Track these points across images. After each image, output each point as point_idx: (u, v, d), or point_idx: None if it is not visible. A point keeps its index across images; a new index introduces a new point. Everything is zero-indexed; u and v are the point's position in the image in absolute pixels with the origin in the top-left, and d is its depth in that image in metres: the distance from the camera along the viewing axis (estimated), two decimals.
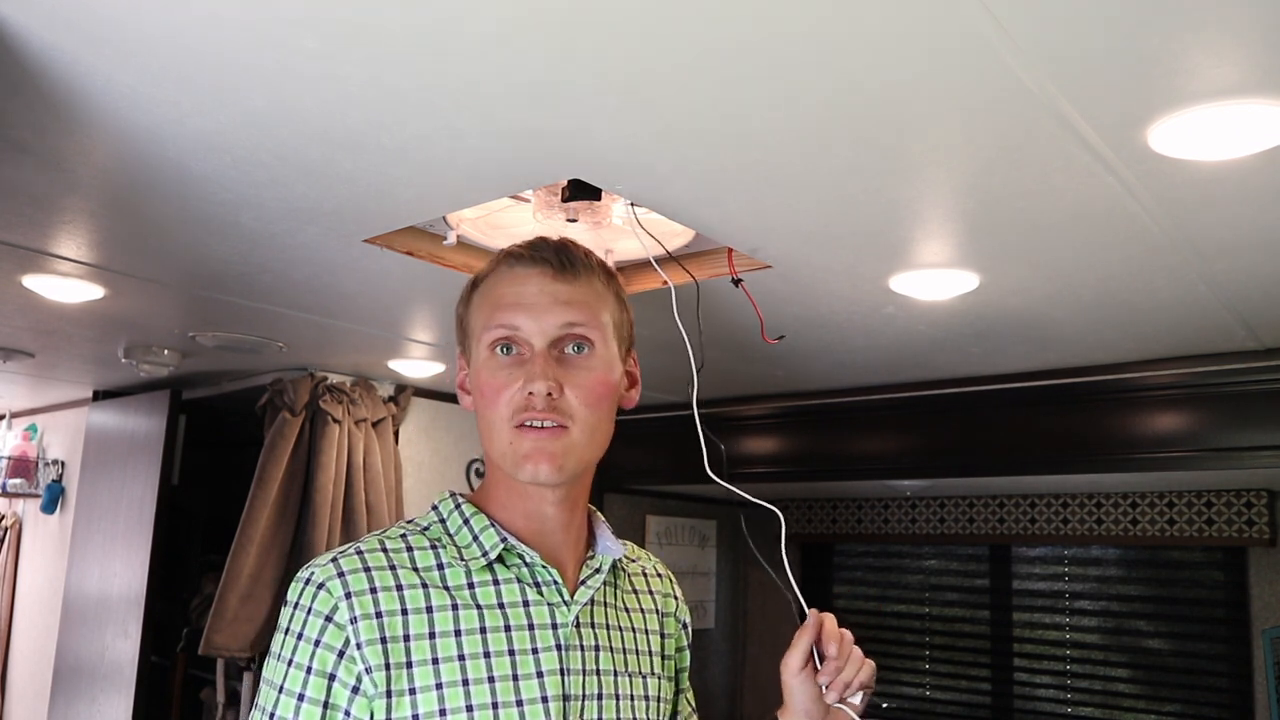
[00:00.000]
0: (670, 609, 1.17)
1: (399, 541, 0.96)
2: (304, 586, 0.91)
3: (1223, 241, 1.38)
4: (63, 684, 3.11)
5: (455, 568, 0.96)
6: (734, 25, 0.86)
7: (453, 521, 1.00)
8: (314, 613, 0.89)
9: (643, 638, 1.10)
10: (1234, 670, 3.07)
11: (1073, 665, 3.40)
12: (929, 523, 3.68)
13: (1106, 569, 3.37)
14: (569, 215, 1.40)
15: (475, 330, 1.02)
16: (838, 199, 1.27)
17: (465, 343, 1.05)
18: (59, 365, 2.86)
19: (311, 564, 0.94)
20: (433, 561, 0.95)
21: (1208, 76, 0.93)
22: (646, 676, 1.07)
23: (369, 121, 1.09)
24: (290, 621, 0.91)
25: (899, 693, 3.78)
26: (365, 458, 2.71)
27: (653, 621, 1.13)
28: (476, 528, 0.99)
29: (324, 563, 0.93)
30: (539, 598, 0.98)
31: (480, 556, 0.97)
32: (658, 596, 1.16)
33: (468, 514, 1.00)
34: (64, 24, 0.91)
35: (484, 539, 0.98)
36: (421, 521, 1.02)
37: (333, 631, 0.88)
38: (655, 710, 1.06)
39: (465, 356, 1.06)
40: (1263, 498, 2.98)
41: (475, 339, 1.01)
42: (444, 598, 0.93)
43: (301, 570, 0.94)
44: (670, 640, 1.15)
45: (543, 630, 0.96)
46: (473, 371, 1.02)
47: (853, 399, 2.62)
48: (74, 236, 1.60)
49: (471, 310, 1.03)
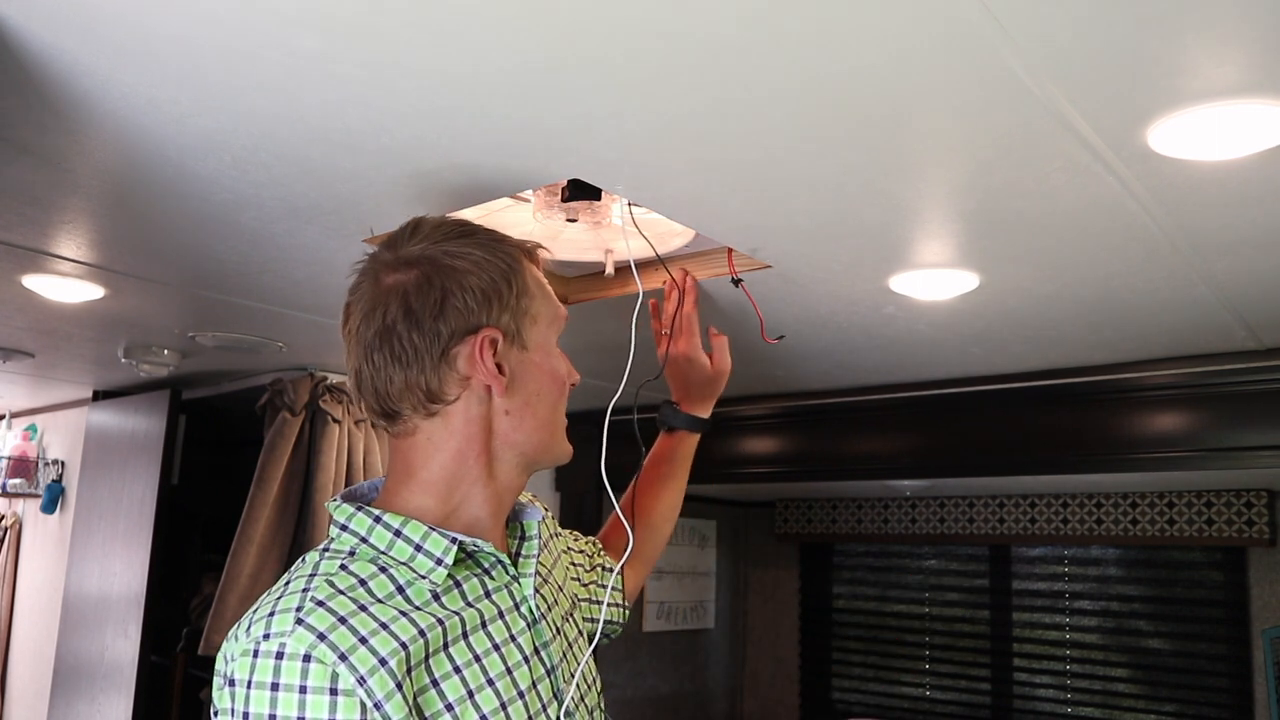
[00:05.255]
0: (552, 532, 1.20)
1: (347, 576, 0.87)
2: (278, 662, 0.77)
3: (1223, 241, 1.39)
4: (63, 684, 3.11)
5: (416, 584, 0.89)
6: (734, 25, 0.86)
7: (379, 538, 0.92)
8: (312, 690, 0.77)
9: (560, 574, 1.13)
10: (1234, 670, 3.07)
11: (1072, 665, 3.40)
12: (929, 523, 3.68)
13: (1106, 569, 3.37)
14: (569, 215, 1.40)
15: (544, 314, 1.00)
16: (837, 199, 1.27)
17: (518, 320, 0.98)
18: (59, 365, 2.86)
19: (268, 631, 0.79)
20: (391, 587, 0.88)
21: (1208, 76, 0.93)
22: (571, 613, 1.10)
23: (369, 121, 1.09)
24: (278, 707, 0.76)
25: (899, 693, 3.78)
26: (365, 458, 2.71)
27: (557, 557, 1.17)
28: (415, 537, 0.91)
29: (289, 628, 0.79)
30: (495, 583, 0.96)
31: (435, 566, 0.91)
32: (555, 540, 1.20)
33: (395, 525, 0.92)
34: (64, 24, 0.91)
35: (430, 546, 0.91)
36: (341, 546, 0.92)
37: (345, 704, 0.77)
38: (588, 640, 1.11)
39: (507, 334, 0.97)
40: (1263, 498, 2.98)
41: (543, 322, 0.99)
42: (425, 618, 0.87)
43: (256, 641, 0.79)
44: (564, 558, 1.20)
45: (511, 614, 0.96)
46: (545, 355, 0.99)
47: (853, 399, 2.62)
48: (74, 236, 1.60)
49: (532, 287, 1.00)
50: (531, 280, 1.00)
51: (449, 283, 0.94)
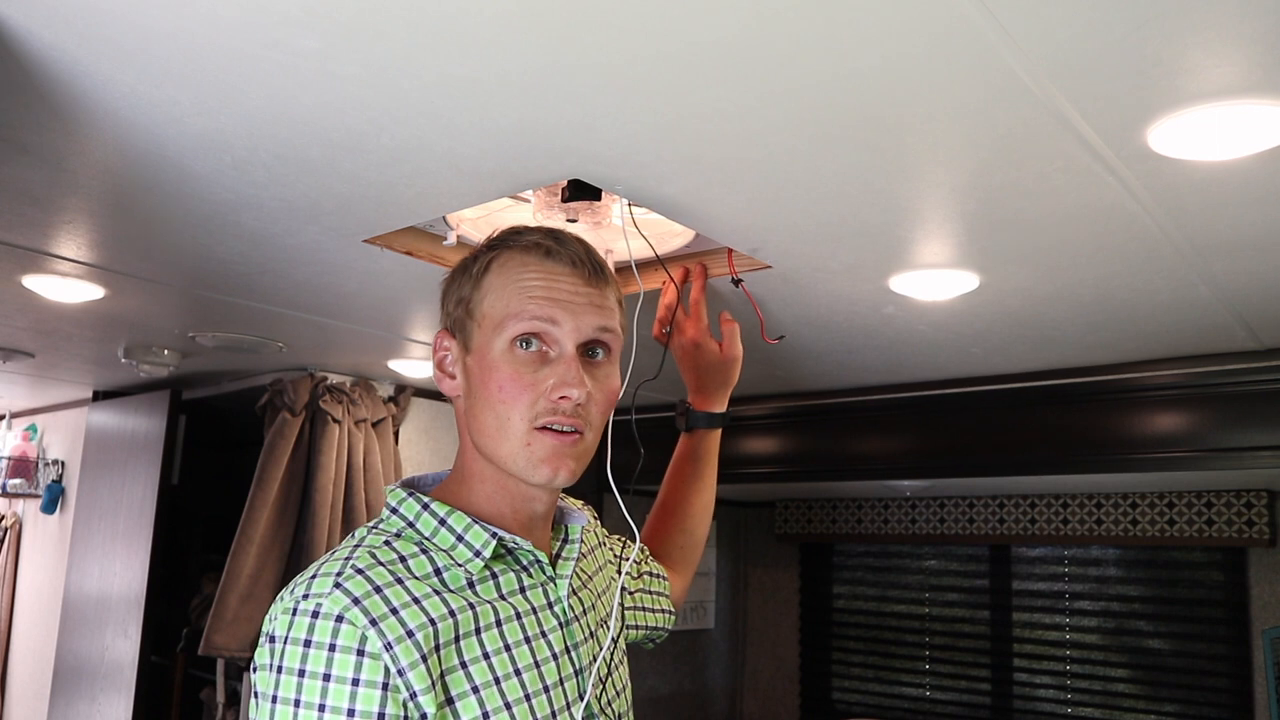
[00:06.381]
0: (599, 541, 1.21)
1: (390, 551, 0.89)
2: (314, 620, 0.81)
3: (1223, 241, 1.39)
4: (63, 684, 3.11)
5: (453, 570, 0.92)
6: (734, 24, 0.86)
7: (424, 524, 0.94)
8: (340, 649, 0.80)
9: (602, 581, 1.13)
10: (1234, 670, 3.07)
11: (1073, 665, 3.40)
12: (929, 523, 3.68)
13: (1106, 569, 3.37)
14: (569, 215, 1.40)
15: (492, 315, 0.95)
16: (838, 199, 1.27)
17: (466, 325, 0.97)
18: (59, 365, 2.86)
19: (308, 591, 0.83)
20: (429, 568, 0.90)
21: (1208, 76, 0.92)
22: (606, 620, 1.10)
23: (369, 121, 1.09)
24: (308, 662, 0.80)
25: (899, 693, 3.78)
26: (365, 458, 2.71)
27: (601, 566, 1.17)
28: (458, 527, 0.94)
29: (327, 590, 0.83)
30: (531, 581, 0.97)
31: (474, 557, 0.93)
32: (601, 549, 1.20)
33: (441, 514, 0.94)
34: (64, 24, 0.91)
35: (471, 539, 0.93)
36: (389, 527, 0.94)
37: (369, 665, 0.80)
38: (623, 651, 1.11)
39: (461, 338, 0.98)
40: (1263, 498, 2.98)
41: (491, 325, 0.95)
42: (457, 600, 0.89)
43: (297, 600, 0.83)
44: (609, 567, 1.18)
45: (544, 612, 0.96)
46: (481, 360, 0.95)
47: (853, 399, 2.62)
48: (74, 236, 1.60)
49: (486, 292, 0.96)
50: (501, 278, 0.96)
51: (460, 285, 1.01)
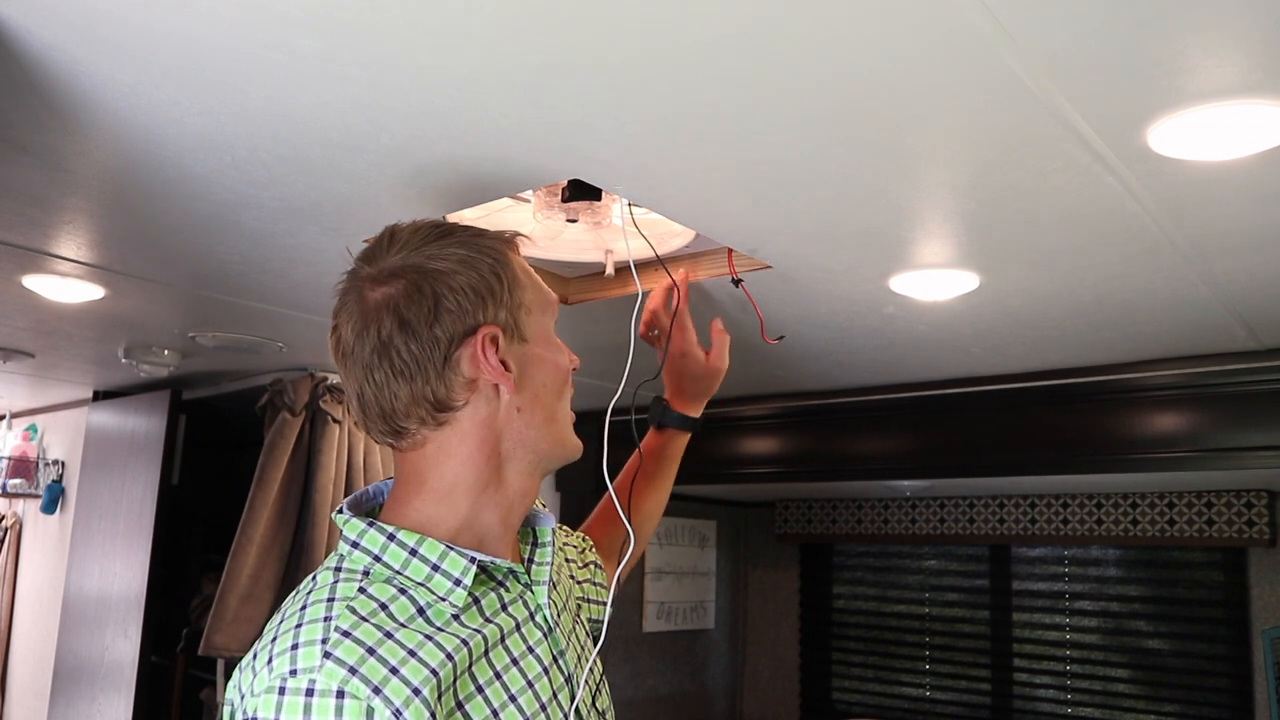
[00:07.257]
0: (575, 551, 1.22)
1: (368, 601, 0.83)
2: (309, 700, 0.74)
3: (1223, 241, 1.39)
4: (63, 684, 3.11)
5: (436, 606, 0.87)
6: (735, 24, 0.86)
7: (392, 556, 0.89)
8: None
9: (567, 585, 1.13)
10: (1234, 670, 3.07)
11: (1073, 665, 3.40)
12: (929, 523, 3.68)
13: (1106, 569, 3.37)
14: (569, 215, 1.40)
15: (536, 303, 0.96)
16: (838, 199, 1.27)
17: (514, 313, 0.95)
18: (59, 365, 2.86)
19: (294, 667, 0.76)
20: (412, 609, 0.85)
21: (1208, 76, 0.93)
22: (577, 614, 1.10)
23: (369, 121, 1.09)
24: None
25: (899, 693, 3.78)
26: (365, 458, 2.71)
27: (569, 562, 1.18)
28: (432, 556, 0.89)
29: (317, 662, 0.76)
30: (510, 595, 0.94)
31: (454, 587, 0.88)
32: (567, 548, 1.20)
33: (410, 543, 0.89)
34: (64, 24, 0.91)
35: (449, 567, 0.88)
36: (354, 565, 0.89)
37: None
38: (593, 645, 1.10)
39: (506, 329, 0.94)
40: (1263, 498, 2.98)
41: (537, 311, 0.96)
42: (450, 640, 0.84)
43: (283, 679, 0.76)
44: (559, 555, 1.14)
45: (527, 625, 0.94)
46: (546, 344, 0.96)
47: (853, 399, 2.62)
48: (74, 236, 1.60)
49: (521, 277, 0.97)
50: (520, 270, 0.98)
51: (439, 286, 0.91)
